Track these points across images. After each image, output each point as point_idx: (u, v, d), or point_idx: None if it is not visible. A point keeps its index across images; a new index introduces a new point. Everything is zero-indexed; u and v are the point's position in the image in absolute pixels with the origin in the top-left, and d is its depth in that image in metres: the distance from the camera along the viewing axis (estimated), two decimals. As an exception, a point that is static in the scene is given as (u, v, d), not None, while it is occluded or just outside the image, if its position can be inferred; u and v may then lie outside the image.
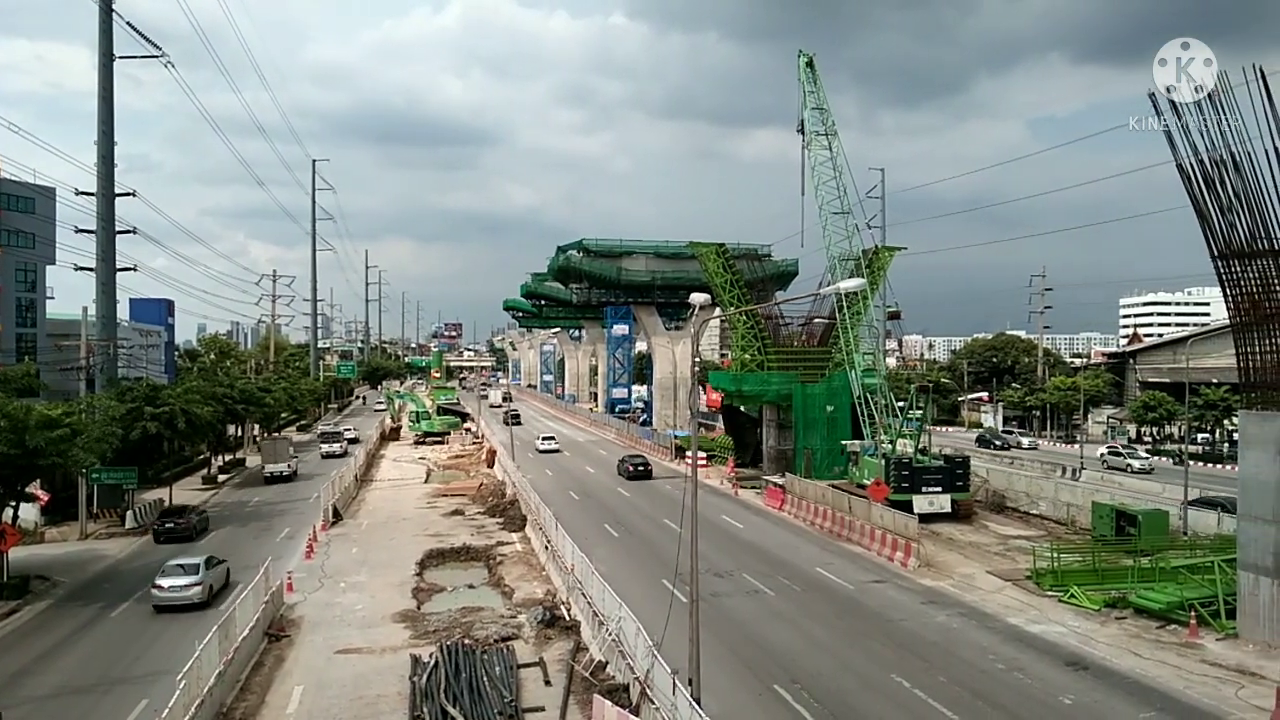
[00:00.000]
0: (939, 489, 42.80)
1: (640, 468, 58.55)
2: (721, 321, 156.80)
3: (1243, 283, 24.89)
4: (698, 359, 20.67)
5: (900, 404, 48.77)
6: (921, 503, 41.63)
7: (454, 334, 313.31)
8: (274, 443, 64.58)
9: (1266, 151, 23.05)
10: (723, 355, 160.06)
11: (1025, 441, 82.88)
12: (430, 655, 22.59)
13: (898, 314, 66.19)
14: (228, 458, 65.83)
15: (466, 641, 23.90)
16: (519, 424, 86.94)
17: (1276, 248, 23.78)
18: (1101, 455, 67.32)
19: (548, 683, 21.71)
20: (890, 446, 44.79)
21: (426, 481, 58.29)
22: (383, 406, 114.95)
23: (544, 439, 76.46)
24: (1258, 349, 24.99)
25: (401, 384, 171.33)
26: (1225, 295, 25.84)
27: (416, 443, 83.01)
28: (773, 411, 58.58)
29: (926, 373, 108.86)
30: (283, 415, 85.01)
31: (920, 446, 45.36)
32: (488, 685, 20.50)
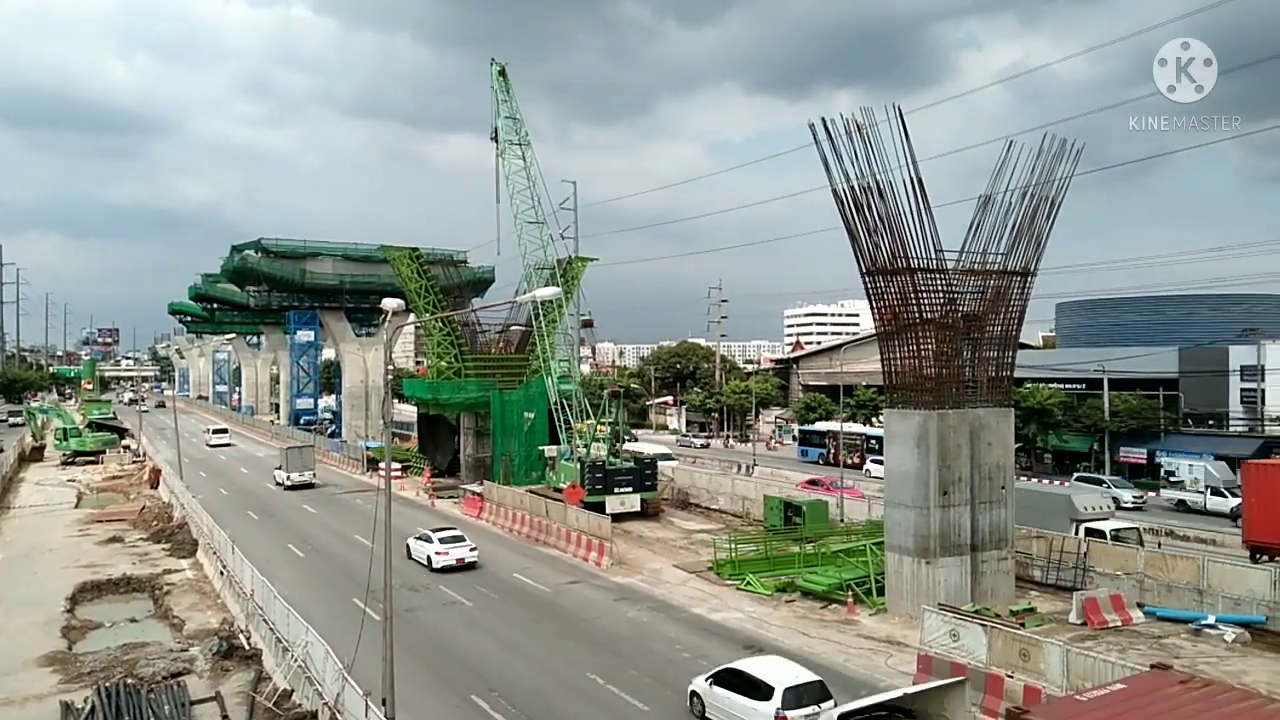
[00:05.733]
0: (630, 489, 44.55)
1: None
2: (417, 328, 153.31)
3: (885, 296, 28.08)
4: (391, 366, 20.02)
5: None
6: (614, 503, 43.12)
7: (109, 340, 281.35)
8: None
9: (904, 181, 26.27)
10: (418, 362, 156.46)
11: (698, 442, 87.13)
12: (85, 700, 20.04)
13: (591, 322, 68.37)
14: None
15: (130, 681, 21.45)
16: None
17: (913, 266, 27.11)
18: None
19: (225, 718, 20.00)
20: (584, 450, 45.98)
21: (78, 506, 51.73)
22: (21, 422, 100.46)
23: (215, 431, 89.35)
24: (898, 355, 28.32)
25: (68, 395, 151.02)
26: (871, 307, 29.03)
27: (64, 463, 73.48)
28: (470, 419, 58.16)
29: (618, 379, 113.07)
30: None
31: (613, 449, 46.96)
32: (154, 729, 18.52)
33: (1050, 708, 12.86)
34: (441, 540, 34.85)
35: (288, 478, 57.73)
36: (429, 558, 34.32)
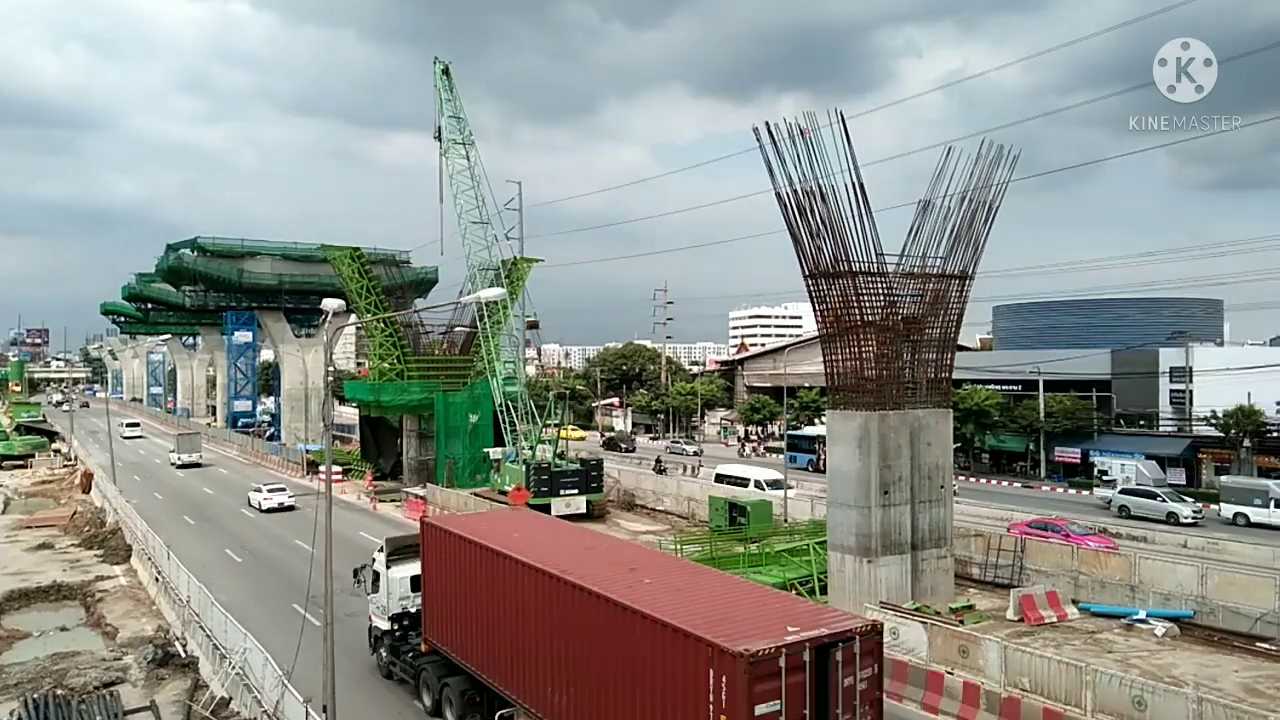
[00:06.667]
0: (575, 491, 44.50)
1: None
2: (358, 329, 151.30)
3: (828, 299, 28.40)
4: (332, 368, 19.72)
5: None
6: (559, 505, 43.03)
7: (39, 341, 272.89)
8: None
9: (846, 185, 26.59)
10: (359, 364, 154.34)
11: (690, 449, 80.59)
12: (12, 713, 19.45)
13: (536, 323, 67.85)
14: None
15: (59, 692, 20.87)
16: None
17: (854, 269, 27.47)
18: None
19: (160, 729, 19.55)
20: (530, 452, 45.80)
21: (5, 512, 50.14)
22: None
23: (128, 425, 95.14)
24: (839, 357, 28.66)
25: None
26: (814, 310, 29.35)
27: (-10, 468, 71.22)
28: (414, 421, 57.58)
29: (564, 380, 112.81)
30: None
31: (559, 451, 46.84)
32: (84, 741, 18.03)
33: (440, 518, 21.79)
34: (269, 490, 49.54)
35: (179, 458, 70.11)
36: (259, 502, 48.68)
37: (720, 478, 50.84)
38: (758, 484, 47.94)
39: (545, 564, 16.37)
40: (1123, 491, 50.11)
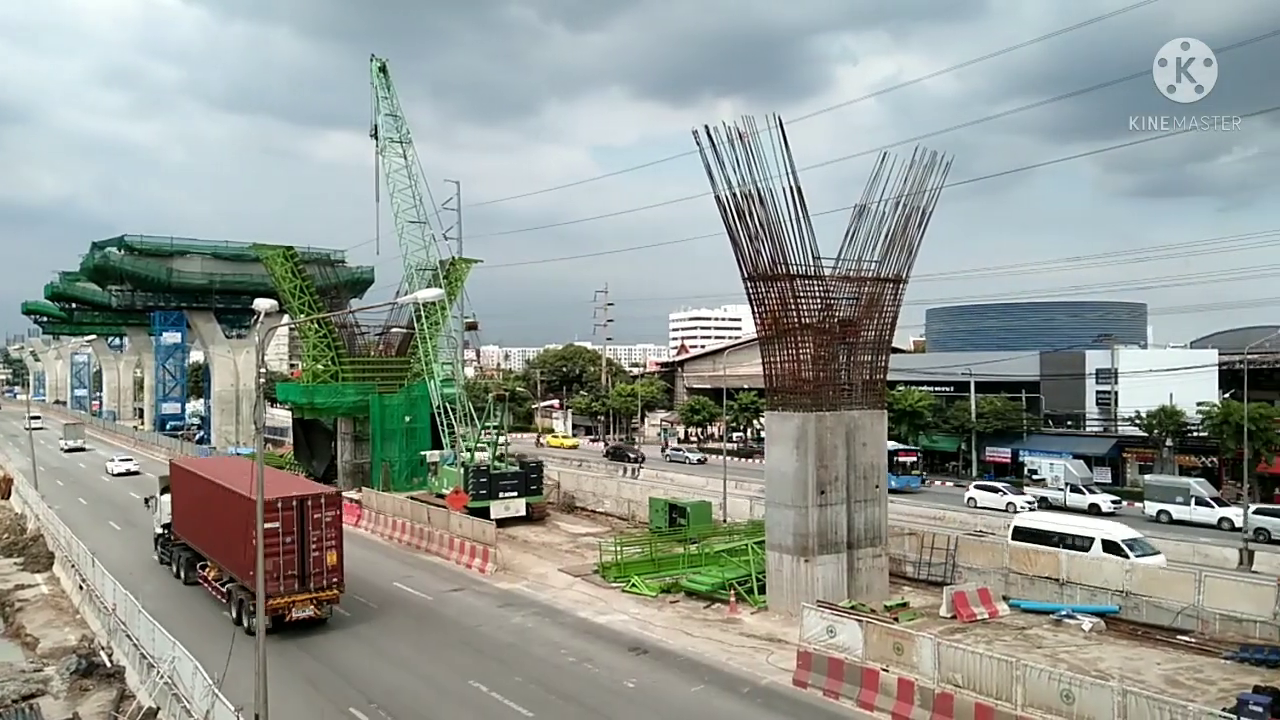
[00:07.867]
0: (515, 494, 44.18)
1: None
2: (291, 330, 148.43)
3: (766, 301, 28.68)
4: (263, 370, 19.33)
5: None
6: (498, 508, 42.70)
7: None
8: None
9: (784, 189, 26.87)
10: (293, 365, 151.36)
11: (693, 458, 77.78)
12: (-79, 731, 18.69)
13: (475, 325, 67.39)
14: None
15: (-27, 707, 20.13)
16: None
17: (792, 272, 27.77)
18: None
19: (83, 742, 18.97)
20: (469, 455, 45.38)
21: (-85, 520, 48.14)
22: None
23: (32, 418, 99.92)
24: (778, 358, 28.96)
25: None
26: (753, 312, 29.60)
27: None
28: (348, 424, 56.68)
29: (503, 382, 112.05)
30: None
31: (499, 454, 46.48)
32: (2, 757, 17.46)
33: (179, 459, 43.82)
34: (119, 460, 65.07)
35: (65, 444, 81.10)
36: (111, 469, 63.37)
37: (1027, 534, 32.10)
38: (1109, 545, 30.14)
39: (210, 475, 29.54)
40: (1258, 511, 41.02)
